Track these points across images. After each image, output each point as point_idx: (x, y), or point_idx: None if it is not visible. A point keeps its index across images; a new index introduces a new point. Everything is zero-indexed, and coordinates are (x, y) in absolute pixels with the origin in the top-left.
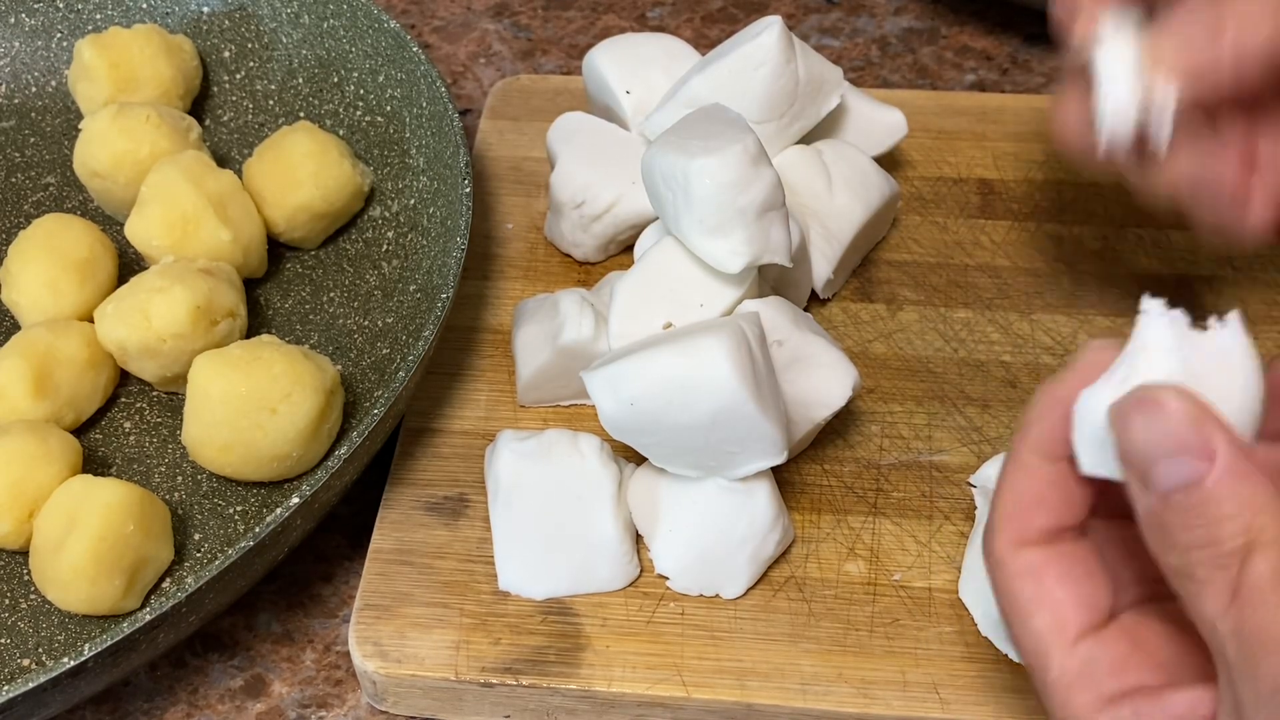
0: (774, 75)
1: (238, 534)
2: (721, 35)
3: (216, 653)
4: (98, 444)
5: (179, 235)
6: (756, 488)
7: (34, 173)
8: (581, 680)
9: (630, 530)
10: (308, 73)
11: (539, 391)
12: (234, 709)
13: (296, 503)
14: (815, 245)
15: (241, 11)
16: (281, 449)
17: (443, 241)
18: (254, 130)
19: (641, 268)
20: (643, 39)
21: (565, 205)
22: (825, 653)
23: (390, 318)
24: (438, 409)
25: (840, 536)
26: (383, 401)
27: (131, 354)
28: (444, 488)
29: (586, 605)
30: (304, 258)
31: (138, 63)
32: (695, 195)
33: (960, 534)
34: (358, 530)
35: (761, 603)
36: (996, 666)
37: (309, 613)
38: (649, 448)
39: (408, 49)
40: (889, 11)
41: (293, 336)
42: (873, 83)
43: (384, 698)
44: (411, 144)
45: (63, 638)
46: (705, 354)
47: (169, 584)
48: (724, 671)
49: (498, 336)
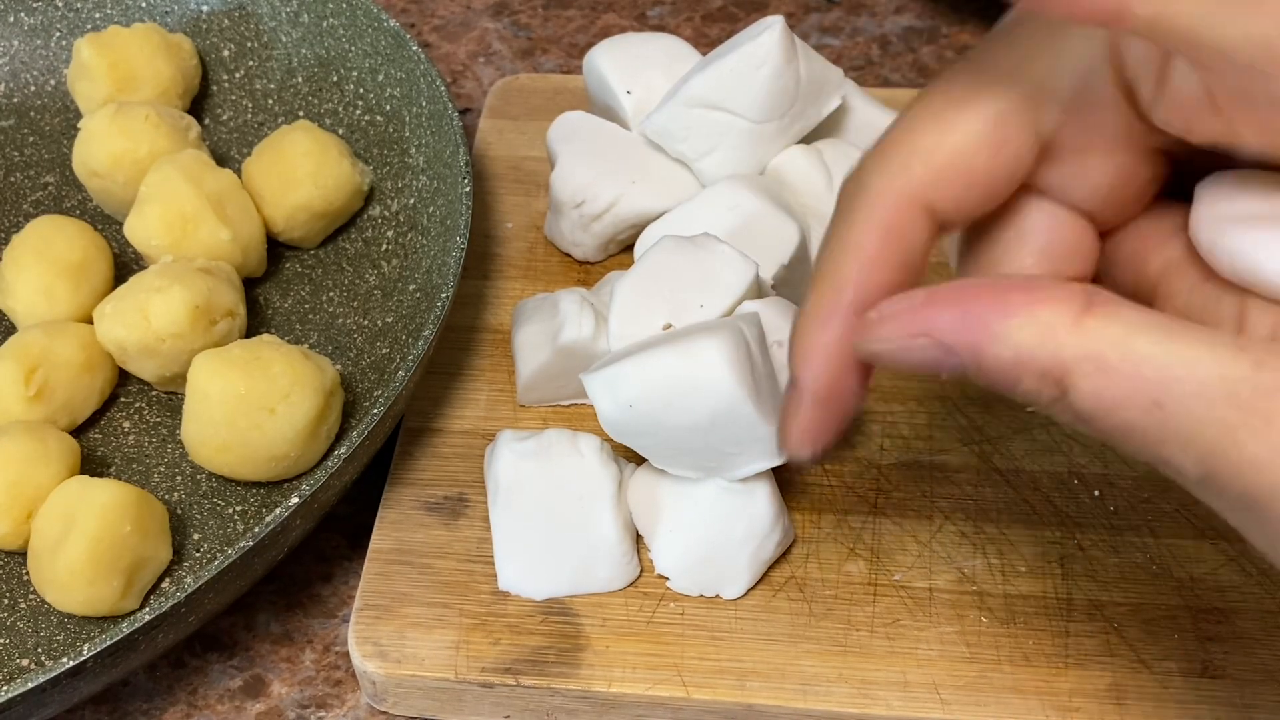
0: (775, 75)
1: (237, 534)
2: (722, 35)
3: (216, 653)
4: (96, 444)
5: (178, 234)
6: (756, 488)
7: (33, 172)
8: (581, 680)
9: (630, 530)
10: (307, 72)
11: (539, 391)
12: (233, 709)
13: (296, 503)
14: (815, 245)
15: (241, 10)
16: (280, 449)
17: (442, 241)
18: (253, 129)
19: (641, 268)
20: (643, 39)
21: (565, 205)
22: (825, 653)
23: (390, 317)
24: (437, 409)
25: (841, 536)
26: (382, 401)
27: (130, 354)
28: (444, 488)
29: (586, 605)
30: (303, 257)
31: (137, 62)
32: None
33: (961, 534)
34: (357, 530)
35: (762, 603)
36: (998, 667)
37: (308, 613)
38: (649, 449)
39: (407, 48)
40: (889, 10)
41: (292, 336)
42: (873, 82)
43: (383, 698)
44: (411, 143)
45: (62, 638)
46: (703, 355)
47: (168, 584)
48: (724, 672)
49: (497, 336)
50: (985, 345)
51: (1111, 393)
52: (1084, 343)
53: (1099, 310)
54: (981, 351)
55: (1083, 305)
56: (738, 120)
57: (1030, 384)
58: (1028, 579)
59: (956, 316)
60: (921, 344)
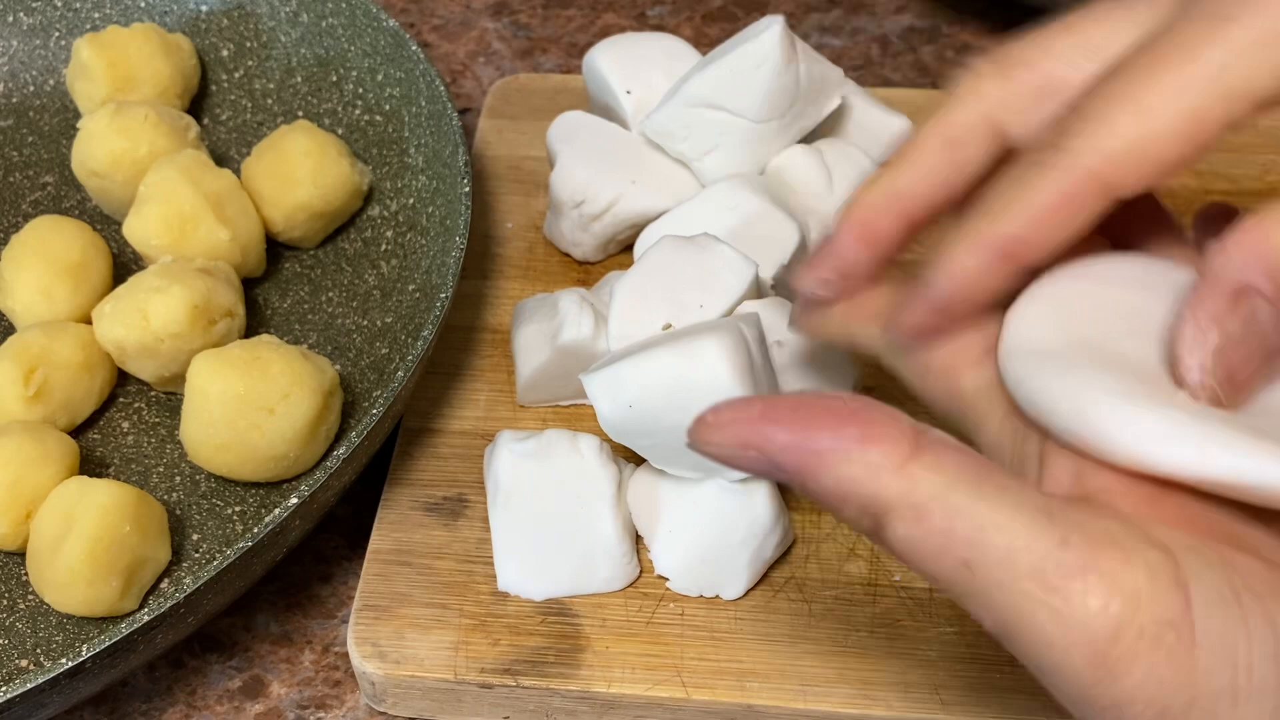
0: (775, 74)
1: (236, 534)
2: (722, 34)
3: (215, 653)
4: (95, 444)
5: (177, 235)
6: (757, 489)
7: (32, 172)
8: (581, 681)
9: (630, 531)
10: (306, 71)
11: (538, 391)
12: (232, 710)
13: (295, 503)
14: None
15: (240, 10)
16: (279, 449)
17: (442, 241)
18: (252, 129)
19: (641, 268)
20: (643, 38)
21: (565, 204)
22: (825, 653)
23: (389, 317)
24: (436, 409)
25: (840, 537)
26: (381, 401)
27: (129, 354)
28: (443, 488)
29: (586, 606)
30: (302, 257)
31: (136, 62)
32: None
33: None
34: (356, 531)
35: (762, 603)
36: (998, 668)
37: (307, 613)
38: (648, 449)
39: (406, 47)
40: (890, 10)
41: (291, 336)
42: (873, 81)
43: (383, 698)
44: (410, 143)
45: (61, 639)
46: (703, 356)
47: (167, 585)
48: (724, 672)
49: (497, 336)
50: (813, 471)
51: (925, 544)
52: (906, 489)
53: (925, 456)
54: (808, 476)
55: (911, 448)
56: (738, 120)
57: (851, 514)
58: None
59: (789, 440)
60: (752, 456)
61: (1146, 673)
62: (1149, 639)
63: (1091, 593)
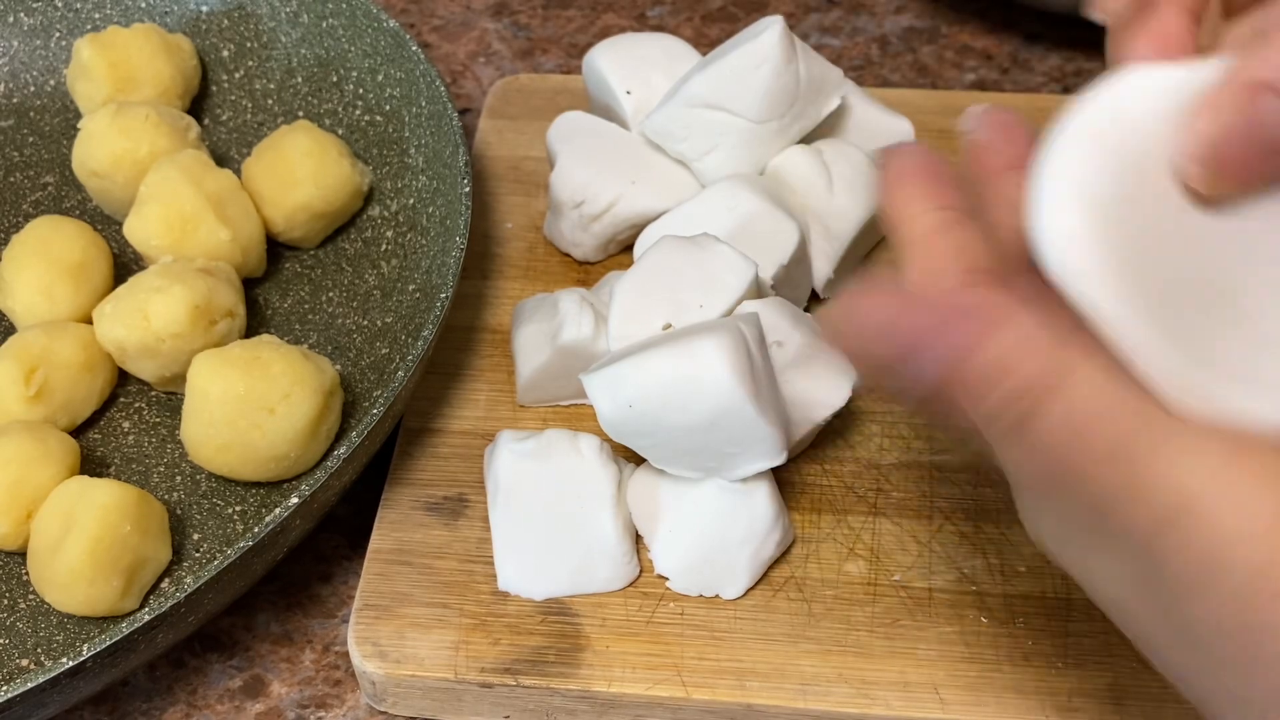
0: (775, 75)
1: (236, 534)
2: (721, 35)
3: (215, 653)
4: (96, 444)
5: (178, 235)
6: (756, 488)
7: (32, 172)
8: (581, 680)
9: (630, 530)
10: (306, 72)
11: (538, 391)
12: (233, 709)
13: (295, 503)
14: (815, 245)
15: (240, 10)
16: (280, 449)
17: (442, 241)
18: (253, 129)
19: (641, 268)
20: (643, 39)
21: (565, 205)
22: (825, 653)
23: (389, 317)
24: (437, 409)
25: (840, 536)
26: (381, 401)
27: (130, 354)
28: (443, 488)
29: (586, 605)
30: (303, 257)
31: (136, 62)
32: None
33: (961, 534)
34: (357, 530)
35: (761, 603)
36: (997, 667)
37: (308, 613)
38: (648, 449)
39: (407, 48)
40: (889, 10)
41: (292, 336)
42: (873, 82)
43: (383, 698)
44: (410, 143)
45: (61, 638)
46: (703, 356)
47: (167, 584)
48: (724, 672)
49: (497, 336)
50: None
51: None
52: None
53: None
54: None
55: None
56: (737, 120)
57: (1005, 393)
58: (1027, 579)
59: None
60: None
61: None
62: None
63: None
